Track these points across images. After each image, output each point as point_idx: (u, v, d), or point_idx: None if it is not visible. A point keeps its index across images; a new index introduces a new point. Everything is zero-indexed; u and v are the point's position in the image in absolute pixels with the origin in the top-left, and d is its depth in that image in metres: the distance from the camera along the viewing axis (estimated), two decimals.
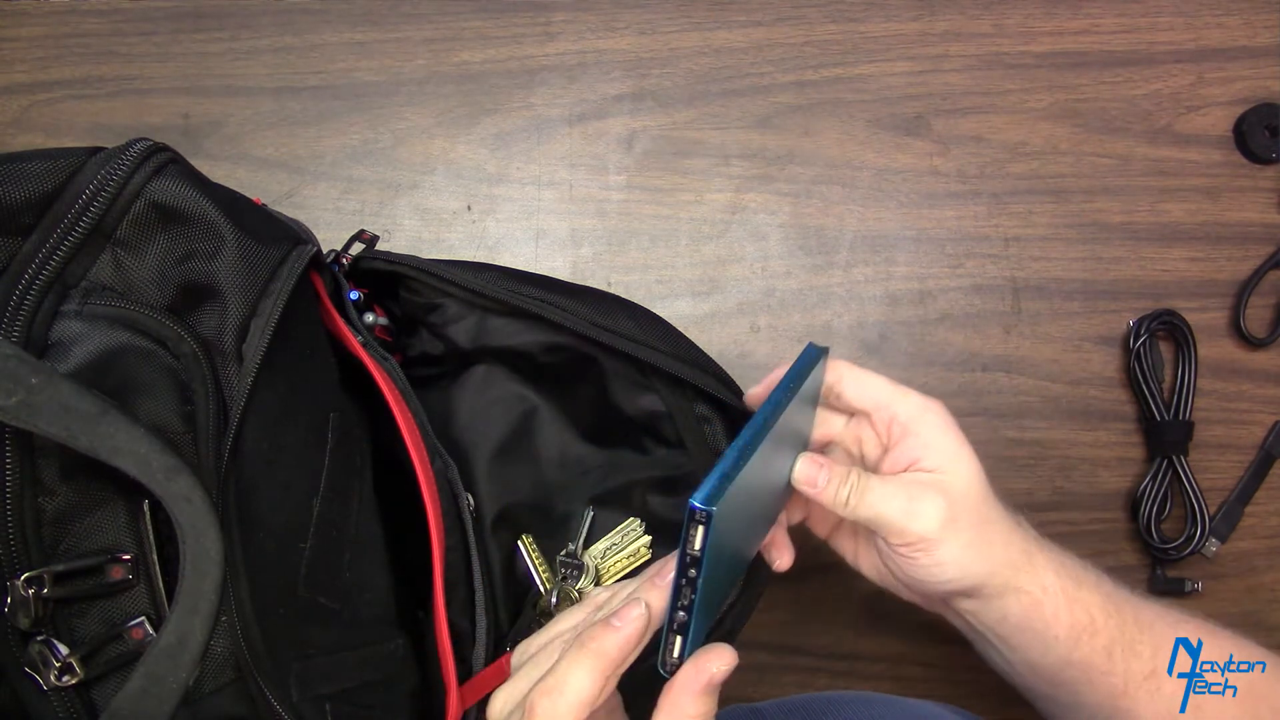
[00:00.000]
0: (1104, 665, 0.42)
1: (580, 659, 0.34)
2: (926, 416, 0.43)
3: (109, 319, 0.37)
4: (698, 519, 0.34)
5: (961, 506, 0.42)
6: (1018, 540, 0.43)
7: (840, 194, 0.65)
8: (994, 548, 0.42)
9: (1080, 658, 0.42)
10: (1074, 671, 0.43)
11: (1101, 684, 0.42)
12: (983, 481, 0.43)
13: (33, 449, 0.36)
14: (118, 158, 0.37)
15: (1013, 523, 0.44)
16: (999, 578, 0.42)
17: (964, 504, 0.42)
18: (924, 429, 0.43)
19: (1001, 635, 0.44)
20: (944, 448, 0.43)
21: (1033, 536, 0.44)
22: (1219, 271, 0.64)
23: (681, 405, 0.51)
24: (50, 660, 0.37)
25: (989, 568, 0.42)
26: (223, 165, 0.64)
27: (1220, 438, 0.63)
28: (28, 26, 0.65)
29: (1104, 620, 0.42)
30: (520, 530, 0.54)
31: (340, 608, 0.43)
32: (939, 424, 0.43)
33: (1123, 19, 0.66)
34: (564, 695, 0.34)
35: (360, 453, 0.46)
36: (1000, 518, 0.43)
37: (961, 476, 0.42)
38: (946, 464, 0.43)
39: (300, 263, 0.40)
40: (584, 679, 0.34)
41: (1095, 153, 0.65)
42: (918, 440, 0.43)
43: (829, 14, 0.66)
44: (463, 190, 0.64)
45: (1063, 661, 0.43)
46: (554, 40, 0.65)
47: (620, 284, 0.64)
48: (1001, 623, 0.43)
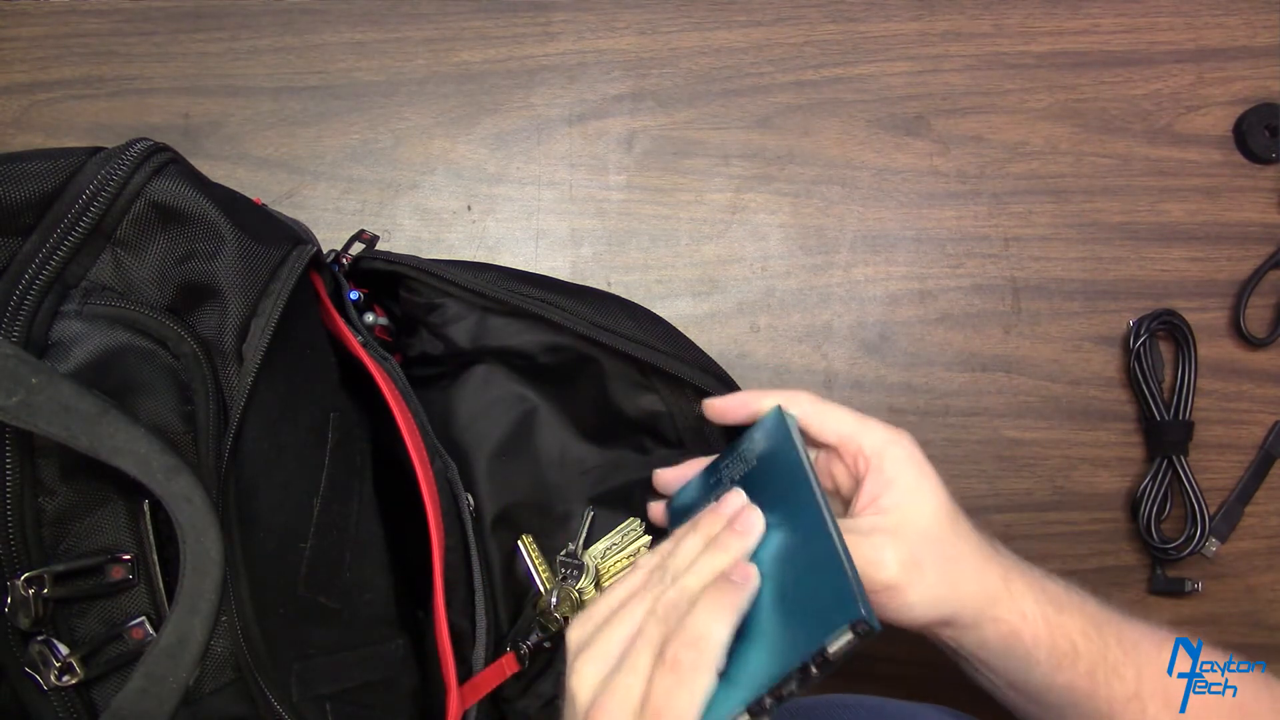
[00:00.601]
0: (1087, 688, 0.42)
1: (719, 601, 0.36)
2: (889, 450, 0.43)
3: (109, 319, 0.37)
4: (859, 630, 0.33)
5: (924, 545, 0.41)
6: (994, 568, 0.42)
7: (840, 194, 0.65)
8: (965, 580, 0.41)
9: (1063, 681, 0.42)
10: (1058, 694, 0.42)
11: (1086, 706, 0.42)
12: (949, 513, 0.42)
13: (33, 449, 0.36)
14: (118, 158, 0.37)
15: (988, 550, 0.43)
16: (972, 609, 0.41)
17: (926, 541, 0.41)
18: (886, 463, 0.43)
19: (982, 659, 0.43)
20: (905, 483, 0.42)
21: (1011, 562, 0.43)
22: (1219, 271, 0.64)
23: (681, 405, 0.51)
24: (50, 660, 0.37)
25: (960, 601, 0.41)
26: (223, 165, 0.64)
27: (1220, 438, 0.63)
28: (28, 26, 0.65)
29: (1085, 644, 0.42)
30: (520, 530, 0.54)
31: (340, 607, 0.43)
32: (901, 456, 0.43)
33: (1123, 19, 0.66)
34: (709, 647, 0.34)
35: (360, 452, 0.46)
36: (972, 548, 0.42)
37: (924, 512, 0.42)
38: (907, 500, 0.42)
39: (300, 263, 0.40)
40: (724, 630, 0.35)
41: (1095, 153, 0.65)
42: (880, 476, 0.42)
43: (829, 14, 0.66)
44: (463, 190, 0.64)
45: (1045, 685, 0.42)
46: (554, 40, 0.65)
47: (620, 284, 0.64)
48: (981, 648, 0.42)
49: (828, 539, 0.37)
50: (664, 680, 0.34)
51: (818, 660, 0.34)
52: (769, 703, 0.34)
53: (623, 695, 0.35)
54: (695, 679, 0.34)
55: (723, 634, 0.35)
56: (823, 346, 0.64)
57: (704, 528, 0.40)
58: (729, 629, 0.35)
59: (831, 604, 0.34)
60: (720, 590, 0.36)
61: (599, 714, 0.35)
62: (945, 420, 0.63)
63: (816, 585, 0.36)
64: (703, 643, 0.34)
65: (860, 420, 0.44)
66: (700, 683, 0.34)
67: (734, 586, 0.36)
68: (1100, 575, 0.63)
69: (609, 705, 0.35)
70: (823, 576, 0.36)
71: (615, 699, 0.35)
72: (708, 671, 0.34)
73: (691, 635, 0.34)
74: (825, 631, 0.33)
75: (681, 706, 0.33)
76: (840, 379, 0.63)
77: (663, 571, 0.39)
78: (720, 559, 0.38)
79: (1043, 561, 0.44)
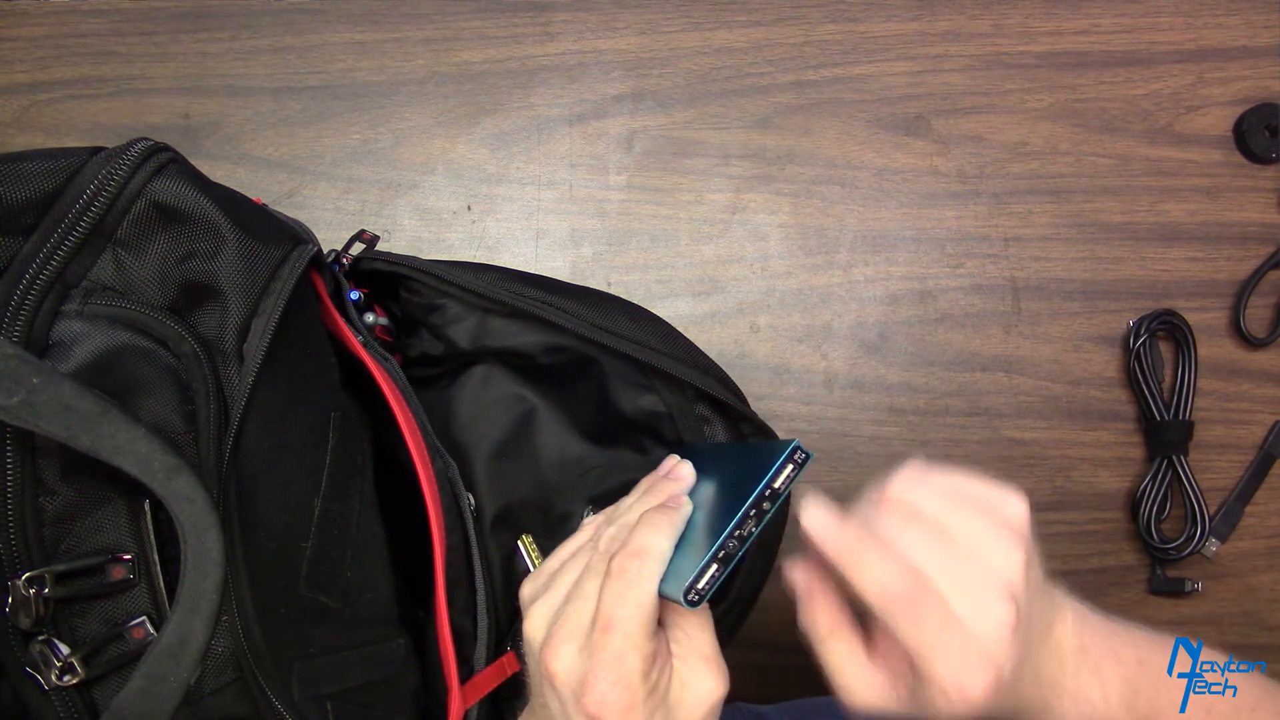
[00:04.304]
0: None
1: (655, 519, 0.37)
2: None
3: (110, 319, 0.37)
4: (796, 459, 0.36)
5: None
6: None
7: (840, 194, 0.65)
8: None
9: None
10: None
11: None
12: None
13: (34, 449, 0.36)
14: (118, 158, 0.37)
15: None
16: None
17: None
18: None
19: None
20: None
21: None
22: (1219, 271, 0.64)
23: (681, 405, 0.51)
24: (51, 660, 0.37)
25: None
26: (223, 165, 0.64)
27: (1220, 438, 0.63)
28: (28, 26, 0.65)
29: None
30: (520, 530, 0.54)
31: (341, 607, 0.43)
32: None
33: (1123, 19, 0.66)
34: (651, 555, 0.36)
35: (361, 452, 0.46)
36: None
37: None
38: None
39: (301, 262, 0.40)
40: (664, 540, 0.36)
41: (1095, 153, 0.65)
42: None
43: (829, 14, 0.66)
44: (463, 190, 0.64)
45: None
46: (554, 40, 0.65)
47: (620, 284, 0.64)
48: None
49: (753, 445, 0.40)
50: (611, 589, 0.35)
51: (767, 494, 0.36)
52: (733, 544, 0.36)
53: (574, 621, 0.36)
54: (640, 584, 0.35)
55: (663, 545, 0.36)
56: (823, 346, 0.64)
57: (642, 484, 0.43)
58: (669, 541, 0.37)
59: (769, 453, 0.37)
60: (654, 511, 0.38)
61: (554, 641, 0.35)
62: (945, 420, 0.63)
63: (746, 467, 0.38)
64: (645, 553, 0.36)
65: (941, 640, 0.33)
66: (646, 588, 0.35)
67: (668, 509, 0.38)
68: (1100, 575, 0.63)
69: (561, 632, 0.35)
70: (751, 458, 0.39)
71: (567, 625, 0.36)
72: (651, 579, 0.35)
73: (634, 548, 0.36)
74: (765, 472, 0.36)
75: (629, 611, 0.34)
76: (840, 379, 0.64)
77: (607, 524, 0.40)
78: (655, 499, 0.40)
79: (1043, 561, 0.43)
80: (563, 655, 0.35)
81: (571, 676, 0.35)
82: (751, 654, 0.60)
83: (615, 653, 0.34)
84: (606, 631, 0.34)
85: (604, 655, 0.34)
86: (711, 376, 0.48)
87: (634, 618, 0.34)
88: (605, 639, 0.34)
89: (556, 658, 0.35)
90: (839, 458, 0.63)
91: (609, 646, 0.34)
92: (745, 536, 0.36)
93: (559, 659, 0.35)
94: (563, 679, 0.35)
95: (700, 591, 0.35)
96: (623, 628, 0.34)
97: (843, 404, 0.63)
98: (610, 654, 0.34)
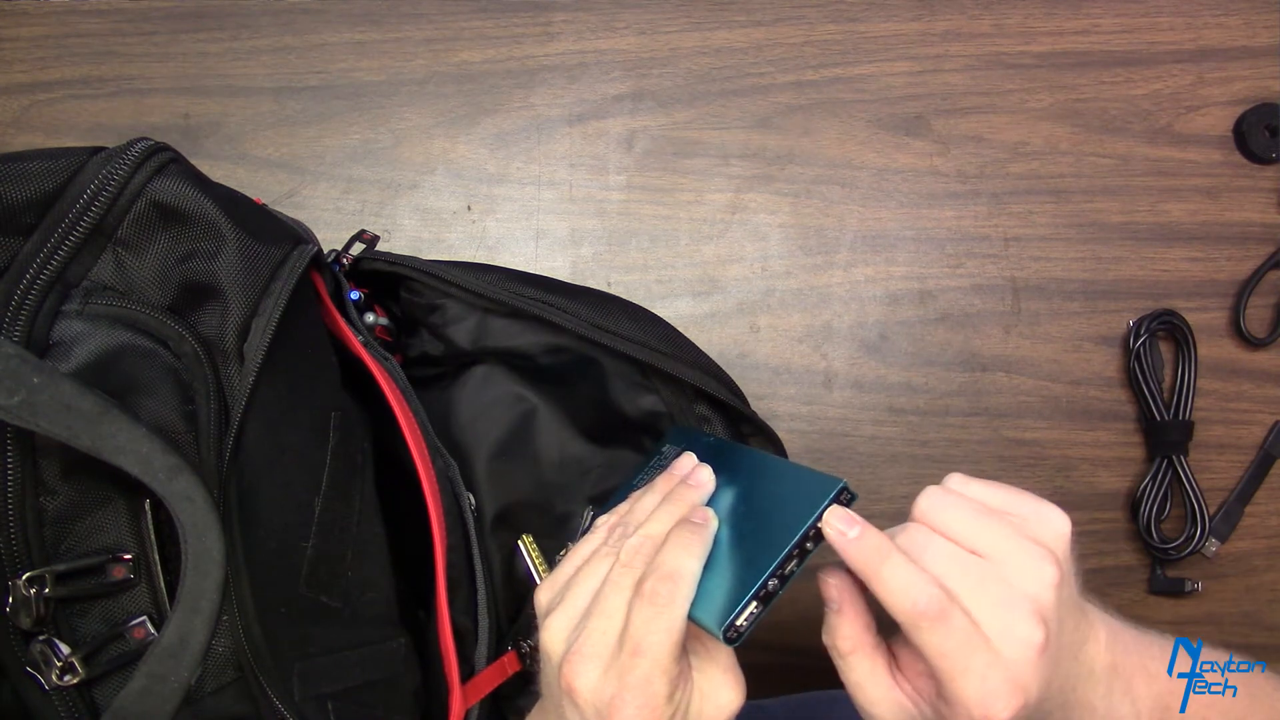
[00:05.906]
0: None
1: (687, 539, 0.37)
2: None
3: (110, 318, 0.37)
4: (842, 499, 0.35)
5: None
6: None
7: (840, 194, 0.65)
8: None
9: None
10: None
11: None
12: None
13: (34, 448, 0.36)
14: (119, 157, 0.37)
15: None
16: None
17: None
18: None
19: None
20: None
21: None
22: (1219, 271, 0.64)
23: (681, 405, 0.51)
24: (52, 660, 0.37)
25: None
26: (223, 165, 0.64)
27: (1220, 438, 0.63)
28: (28, 26, 0.65)
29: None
30: (520, 530, 0.54)
31: (342, 606, 0.43)
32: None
33: (1123, 19, 0.66)
34: (684, 579, 0.35)
35: (362, 452, 0.46)
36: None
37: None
38: None
39: (301, 262, 0.40)
40: (695, 563, 0.36)
41: (1095, 153, 0.65)
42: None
43: (829, 14, 0.66)
44: (463, 190, 0.64)
45: None
46: (554, 40, 0.65)
47: (620, 284, 0.64)
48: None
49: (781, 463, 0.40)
50: (642, 612, 0.35)
51: (811, 534, 0.35)
52: (774, 584, 0.35)
53: (597, 638, 0.35)
54: (672, 610, 0.35)
55: (694, 568, 0.36)
56: (823, 346, 0.64)
57: (659, 487, 0.42)
58: (699, 563, 0.37)
59: (813, 488, 0.36)
60: (685, 529, 0.38)
61: (575, 658, 0.35)
62: (945, 420, 0.63)
63: (784, 493, 0.38)
64: (677, 577, 0.35)
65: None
66: (676, 613, 0.35)
67: (697, 526, 0.38)
68: (1100, 575, 0.63)
69: (584, 648, 0.35)
70: (788, 484, 0.38)
71: (590, 641, 0.35)
72: (683, 604, 0.35)
73: (666, 570, 0.36)
74: (812, 509, 0.35)
75: (659, 638, 0.34)
76: (840, 379, 0.64)
77: (623, 528, 0.40)
78: (678, 508, 0.39)
79: (1079, 579, 0.40)
80: (585, 674, 0.35)
81: (596, 696, 0.35)
82: (752, 654, 0.60)
83: (643, 677, 0.34)
84: (635, 655, 0.34)
85: (631, 679, 0.34)
86: (712, 376, 0.48)
87: (664, 644, 0.34)
88: (634, 662, 0.34)
89: (579, 675, 0.35)
90: (839, 458, 0.63)
91: (637, 670, 0.34)
92: (787, 576, 0.35)
93: (581, 677, 0.35)
94: (586, 698, 0.35)
95: (739, 629, 0.35)
96: (652, 654, 0.34)
97: (843, 404, 0.63)
98: (638, 678, 0.34)
